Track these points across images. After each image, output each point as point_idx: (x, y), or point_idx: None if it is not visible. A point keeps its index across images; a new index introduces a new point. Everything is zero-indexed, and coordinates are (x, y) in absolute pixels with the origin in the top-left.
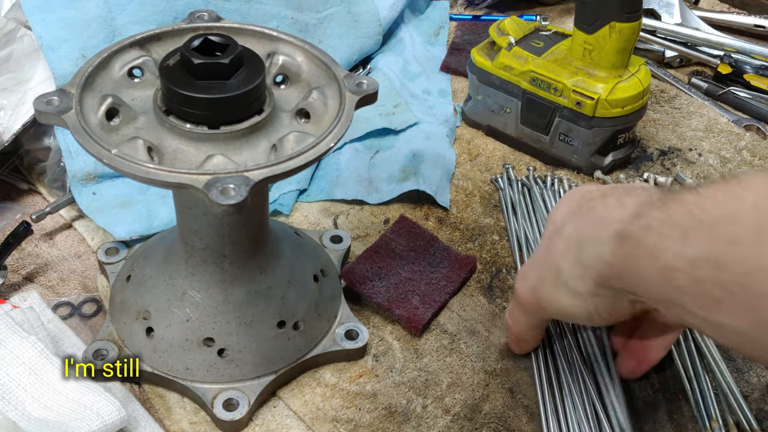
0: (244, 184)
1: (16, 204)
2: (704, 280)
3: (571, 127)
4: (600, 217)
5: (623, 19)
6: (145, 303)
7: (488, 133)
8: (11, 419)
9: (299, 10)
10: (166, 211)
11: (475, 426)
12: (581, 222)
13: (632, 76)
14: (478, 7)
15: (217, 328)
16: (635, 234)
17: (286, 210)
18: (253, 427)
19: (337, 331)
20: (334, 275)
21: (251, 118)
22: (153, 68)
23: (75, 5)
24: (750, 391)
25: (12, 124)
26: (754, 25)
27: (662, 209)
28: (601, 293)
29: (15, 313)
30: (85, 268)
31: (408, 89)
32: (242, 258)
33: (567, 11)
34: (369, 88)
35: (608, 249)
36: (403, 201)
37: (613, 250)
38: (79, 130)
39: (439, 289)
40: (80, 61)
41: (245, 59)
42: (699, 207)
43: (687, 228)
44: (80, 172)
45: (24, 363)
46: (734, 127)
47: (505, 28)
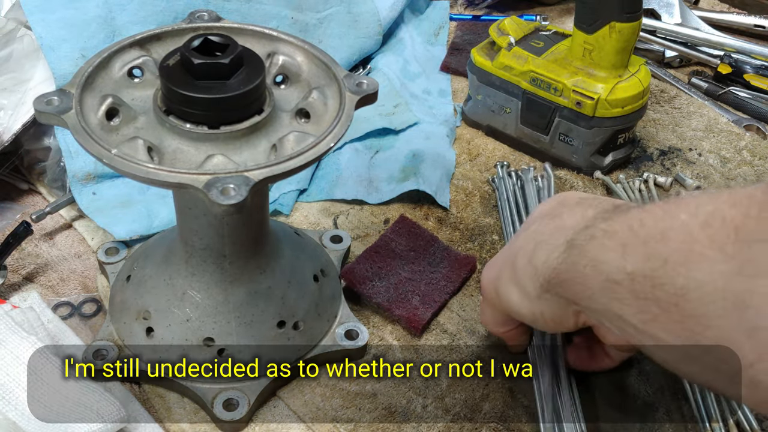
0: (244, 184)
1: (16, 204)
2: (642, 295)
3: (571, 127)
4: (560, 224)
5: (623, 19)
6: (145, 303)
7: (488, 133)
8: (11, 419)
9: (299, 10)
10: (166, 211)
11: (475, 426)
12: (545, 224)
13: (632, 76)
14: (478, 7)
15: (217, 328)
16: (580, 243)
17: (286, 210)
18: (253, 427)
19: (337, 331)
20: (334, 275)
21: (251, 118)
22: (153, 68)
23: (75, 5)
24: None
25: (12, 124)
26: (754, 25)
27: (608, 221)
28: (546, 298)
29: (15, 313)
30: (85, 268)
31: (408, 89)
32: (242, 258)
33: (567, 11)
34: (369, 88)
35: (556, 255)
36: (403, 201)
37: (560, 256)
38: (79, 130)
39: (439, 289)
40: (80, 61)
41: (245, 59)
42: (639, 222)
43: (626, 242)
44: (80, 172)
45: (24, 363)
46: (734, 127)
47: (505, 28)
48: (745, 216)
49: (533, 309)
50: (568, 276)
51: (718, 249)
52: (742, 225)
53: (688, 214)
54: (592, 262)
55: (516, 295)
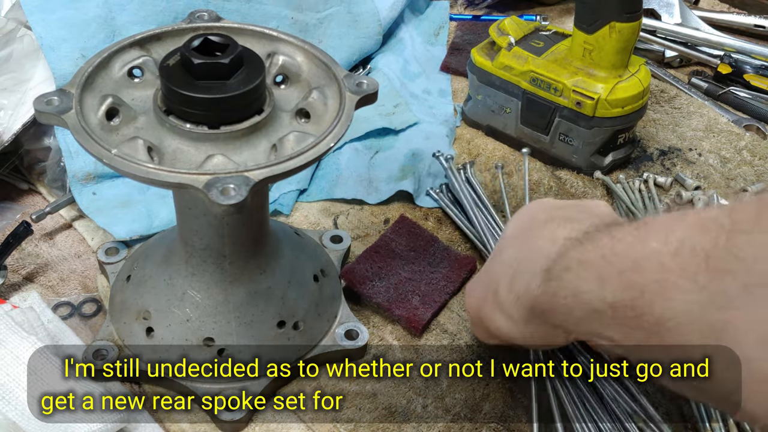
0: (244, 184)
1: (16, 204)
2: (626, 323)
3: (571, 127)
4: (534, 248)
5: (623, 19)
6: (145, 303)
7: (488, 133)
8: (11, 419)
9: (299, 10)
10: (166, 211)
11: (475, 426)
12: (519, 249)
13: (632, 76)
14: (478, 7)
15: (217, 328)
16: (557, 274)
17: (286, 210)
18: (253, 427)
19: (337, 331)
20: (334, 275)
21: (251, 118)
22: (153, 68)
23: (75, 5)
24: None
25: (12, 124)
26: (754, 25)
27: (580, 249)
28: (534, 322)
29: (15, 313)
30: (85, 268)
31: (408, 89)
32: (242, 258)
33: (567, 11)
34: (369, 88)
35: (536, 284)
36: (403, 201)
37: (540, 285)
38: (79, 130)
39: (439, 289)
40: (80, 61)
41: (245, 59)
42: (611, 251)
43: (601, 273)
44: (80, 172)
45: (24, 363)
46: (734, 127)
47: (505, 28)
48: (714, 246)
49: (522, 333)
50: (550, 306)
51: (691, 279)
52: (712, 254)
53: (658, 242)
54: (572, 293)
55: (503, 321)
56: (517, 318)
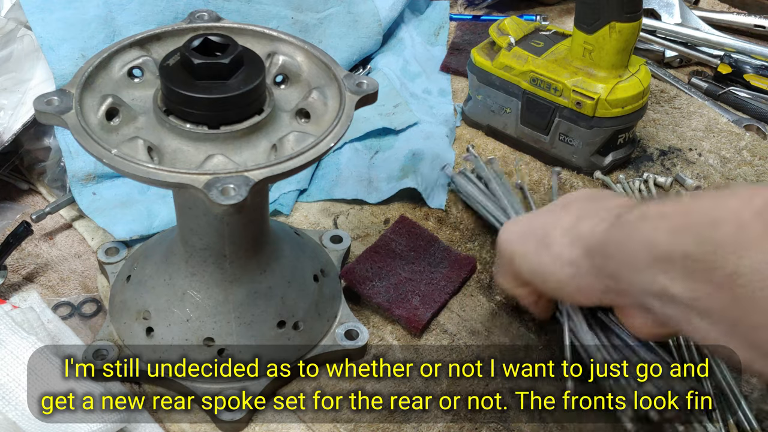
0: (244, 184)
1: (16, 204)
2: (695, 275)
3: (571, 127)
4: (606, 205)
5: (623, 19)
6: (145, 303)
7: (488, 133)
8: (11, 419)
9: (299, 10)
10: (166, 211)
11: (475, 426)
12: (589, 204)
13: (632, 76)
14: (478, 7)
15: (217, 328)
16: (631, 220)
17: (286, 210)
18: (253, 427)
19: (337, 330)
20: (334, 275)
21: (251, 118)
22: (153, 68)
23: (75, 5)
24: (750, 391)
25: (12, 124)
26: (754, 25)
27: (660, 204)
28: (581, 265)
29: (15, 313)
30: (85, 268)
31: (408, 89)
32: (242, 258)
33: (567, 11)
34: (369, 88)
35: (604, 226)
36: (403, 201)
37: (608, 228)
38: (79, 130)
39: (439, 289)
40: (80, 61)
41: (245, 59)
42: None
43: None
44: (80, 172)
45: (24, 363)
46: (734, 127)
47: (505, 28)
48: None
49: (560, 274)
50: (615, 249)
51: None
52: None
53: (741, 202)
54: (643, 238)
55: (546, 259)
56: (566, 258)
